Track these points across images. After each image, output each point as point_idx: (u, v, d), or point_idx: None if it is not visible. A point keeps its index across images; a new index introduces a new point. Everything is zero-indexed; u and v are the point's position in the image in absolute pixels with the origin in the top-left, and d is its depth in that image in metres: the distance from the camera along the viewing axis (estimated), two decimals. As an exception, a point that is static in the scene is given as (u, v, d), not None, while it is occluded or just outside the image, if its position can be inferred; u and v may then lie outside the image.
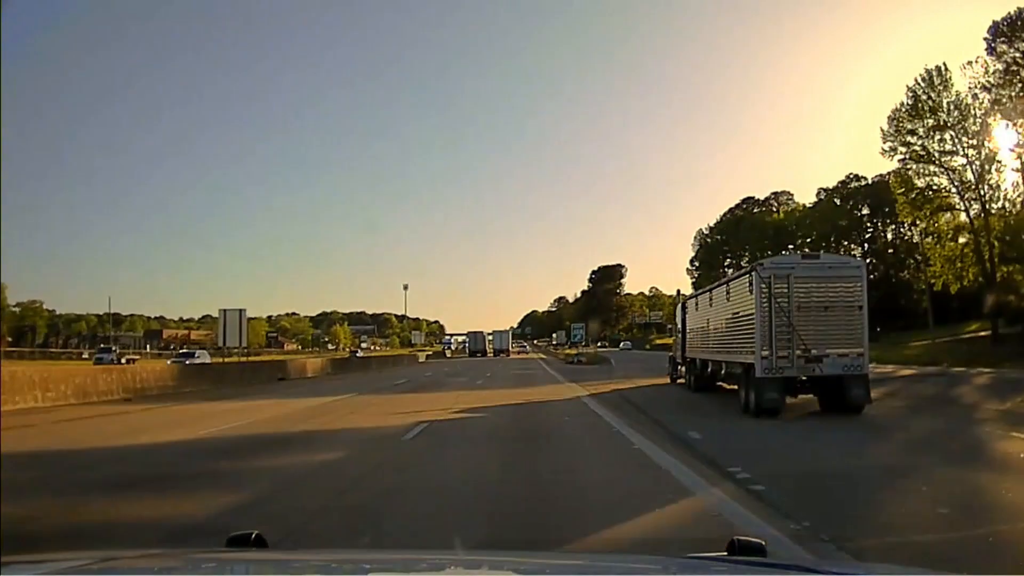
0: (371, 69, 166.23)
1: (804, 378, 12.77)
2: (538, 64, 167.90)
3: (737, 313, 14.30)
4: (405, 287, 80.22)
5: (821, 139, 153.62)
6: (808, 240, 64.17)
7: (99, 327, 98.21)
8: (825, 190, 67.28)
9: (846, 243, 64.42)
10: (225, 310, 30.39)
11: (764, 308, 12.54)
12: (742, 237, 73.56)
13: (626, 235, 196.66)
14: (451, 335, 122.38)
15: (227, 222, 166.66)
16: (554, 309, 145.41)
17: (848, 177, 64.93)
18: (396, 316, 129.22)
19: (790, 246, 65.80)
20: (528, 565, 2.21)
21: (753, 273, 13.07)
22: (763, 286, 12.63)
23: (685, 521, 5.40)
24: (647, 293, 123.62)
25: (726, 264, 76.14)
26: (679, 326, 21.25)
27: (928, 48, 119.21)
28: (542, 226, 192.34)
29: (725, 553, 1.85)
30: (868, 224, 64.51)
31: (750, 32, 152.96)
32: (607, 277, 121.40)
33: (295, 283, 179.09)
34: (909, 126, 34.70)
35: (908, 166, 35.87)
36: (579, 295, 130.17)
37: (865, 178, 62.49)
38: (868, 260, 54.09)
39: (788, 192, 78.89)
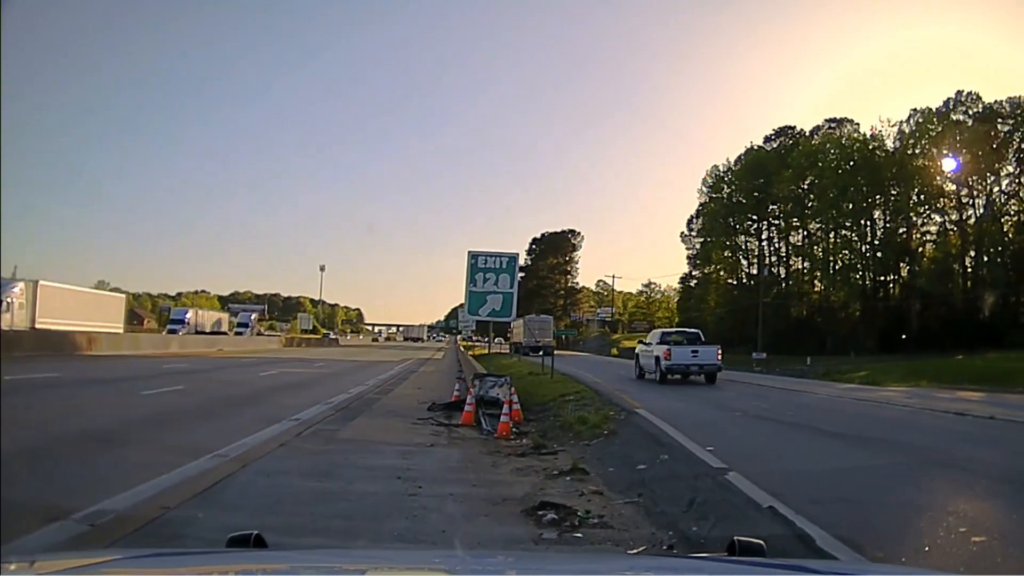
0: (288, 38, 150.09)
1: (539, 348, 45.81)
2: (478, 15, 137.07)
3: (522, 328, 48.52)
4: (322, 268, 74.88)
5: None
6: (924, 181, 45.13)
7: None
8: (921, 111, 47.17)
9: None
10: None
11: (525, 329, 46.78)
12: (790, 178, 50.91)
13: (574, 221, 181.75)
14: (373, 324, 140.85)
15: (135, 192, 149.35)
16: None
17: (962, 96, 45.57)
18: (312, 300, 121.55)
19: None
20: (528, 565, 2.29)
21: (522, 319, 47.31)
22: (525, 322, 46.88)
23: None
24: (593, 288, 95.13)
25: (754, 222, 57.88)
26: (521, 330, 55.73)
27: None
28: (479, 212, 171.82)
29: (725, 553, 1.92)
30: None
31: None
32: (553, 248, 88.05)
33: (207, 261, 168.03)
34: None
35: None
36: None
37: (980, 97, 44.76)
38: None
39: (850, 119, 54.51)
